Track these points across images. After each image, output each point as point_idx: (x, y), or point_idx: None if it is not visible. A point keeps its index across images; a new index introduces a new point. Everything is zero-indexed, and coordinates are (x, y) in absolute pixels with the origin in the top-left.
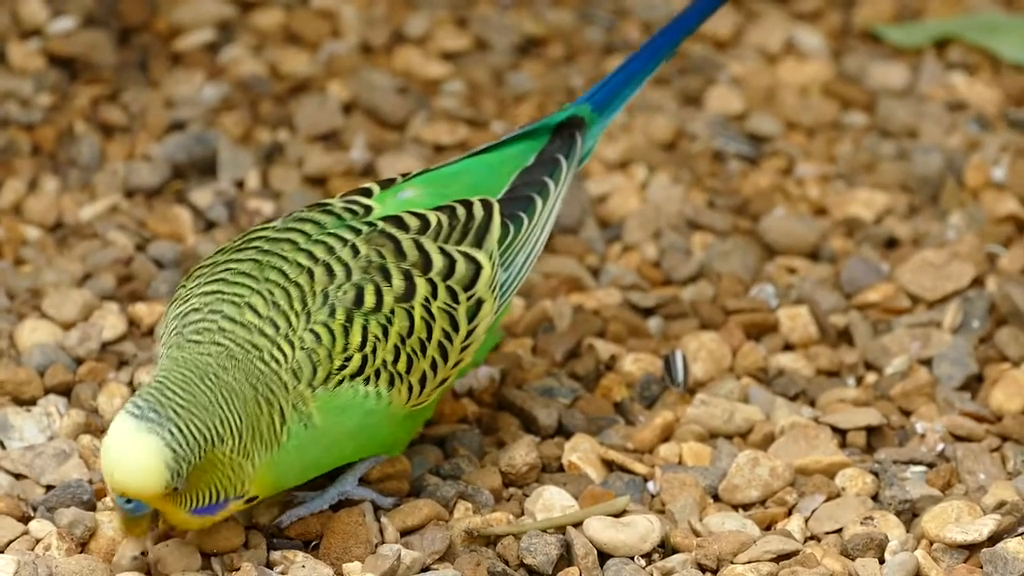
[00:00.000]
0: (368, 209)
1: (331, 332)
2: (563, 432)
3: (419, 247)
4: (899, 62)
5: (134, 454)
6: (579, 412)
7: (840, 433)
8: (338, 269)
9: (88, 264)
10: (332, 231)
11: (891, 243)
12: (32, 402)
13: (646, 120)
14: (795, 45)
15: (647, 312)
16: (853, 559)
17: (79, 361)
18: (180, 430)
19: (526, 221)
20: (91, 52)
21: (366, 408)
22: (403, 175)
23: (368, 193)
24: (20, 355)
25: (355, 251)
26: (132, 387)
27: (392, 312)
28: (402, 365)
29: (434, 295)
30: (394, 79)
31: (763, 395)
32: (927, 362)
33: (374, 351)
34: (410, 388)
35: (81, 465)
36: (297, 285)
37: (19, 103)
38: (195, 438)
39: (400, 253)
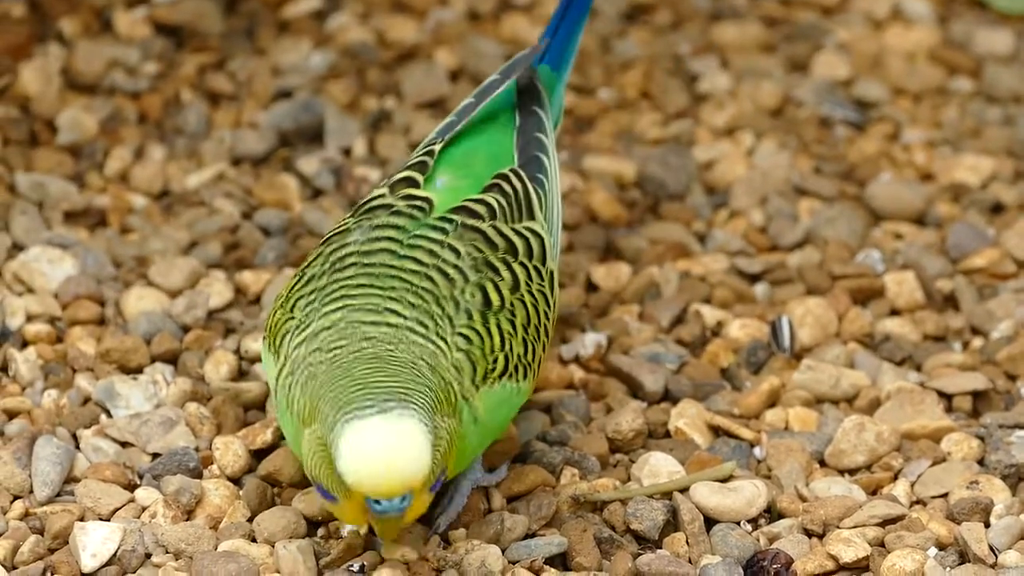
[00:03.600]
0: (429, 203)
1: (478, 334)
2: (669, 398)
3: (500, 234)
4: (1005, 28)
5: (404, 445)
6: (685, 378)
7: (946, 398)
8: (453, 273)
9: (194, 232)
10: (418, 234)
11: (997, 208)
12: (139, 370)
13: (753, 87)
14: (902, 11)
15: (754, 278)
16: (959, 523)
17: (186, 329)
18: (420, 405)
19: (546, 182)
20: (198, 20)
21: (514, 403)
22: (426, 152)
23: (416, 184)
24: (127, 323)
25: (455, 251)
26: (239, 355)
27: (512, 305)
28: (530, 355)
29: (530, 278)
30: (501, 46)
31: (869, 360)
32: None
33: (511, 348)
34: (535, 374)
35: (188, 433)
36: (426, 290)
37: (126, 71)
38: (429, 408)
39: (491, 244)
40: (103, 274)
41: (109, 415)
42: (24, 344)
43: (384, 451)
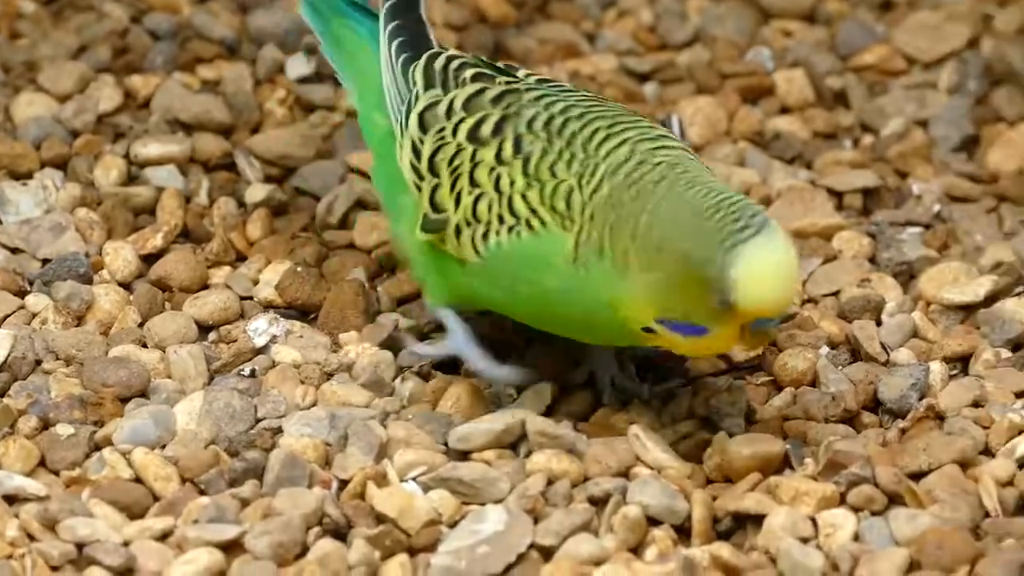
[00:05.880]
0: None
1: None
2: None
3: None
4: None
5: (792, 257)
6: None
7: (836, 195)
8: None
9: (84, 36)
10: (552, 94)
11: (887, 5)
12: (28, 175)
13: None
14: None
15: (643, 77)
16: (850, 321)
17: (75, 134)
18: None
19: None
20: None
21: None
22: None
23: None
24: (16, 128)
25: (582, 97)
26: (129, 159)
27: None
28: None
29: None
30: None
31: (760, 158)
32: (923, 123)
33: None
34: None
35: (78, 238)
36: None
37: None
38: None
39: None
40: None
41: None
42: None
43: (782, 268)
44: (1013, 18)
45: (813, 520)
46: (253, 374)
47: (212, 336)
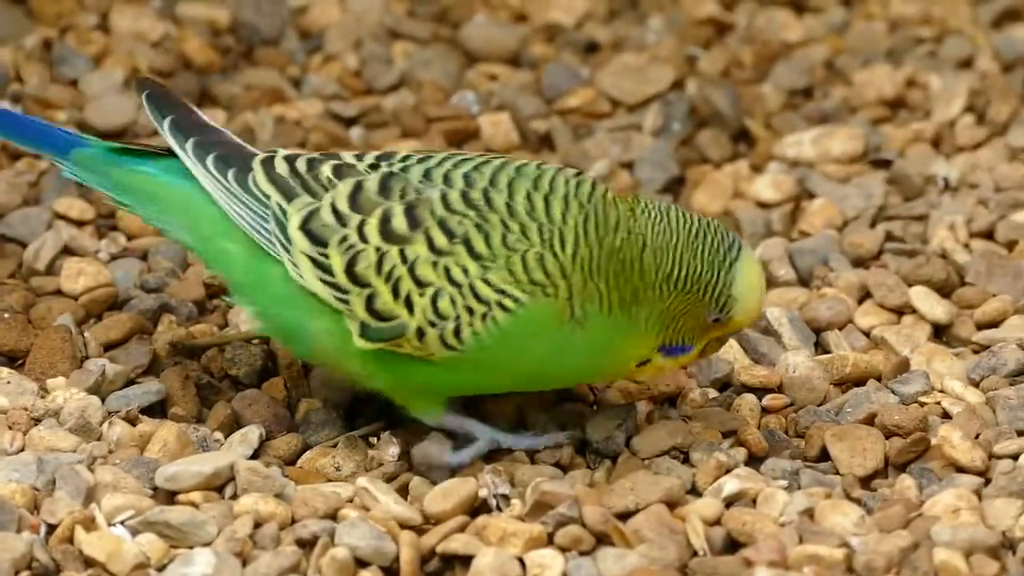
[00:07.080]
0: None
1: None
2: None
3: None
4: None
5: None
6: None
7: None
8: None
9: None
10: (440, 172)
11: (591, 48)
12: None
13: None
14: None
15: (349, 121)
16: None
17: None
18: None
19: None
20: None
21: None
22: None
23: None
24: None
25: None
26: None
27: None
28: None
29: None
30: None
31: None
32: (628, 165)
33: None
34: None
35: None
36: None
37: None
38: None
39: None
40: None
41: None
42: None
43: (763, 281)
44: (717, 60)
45: (521, 561)
46: None
47: None
